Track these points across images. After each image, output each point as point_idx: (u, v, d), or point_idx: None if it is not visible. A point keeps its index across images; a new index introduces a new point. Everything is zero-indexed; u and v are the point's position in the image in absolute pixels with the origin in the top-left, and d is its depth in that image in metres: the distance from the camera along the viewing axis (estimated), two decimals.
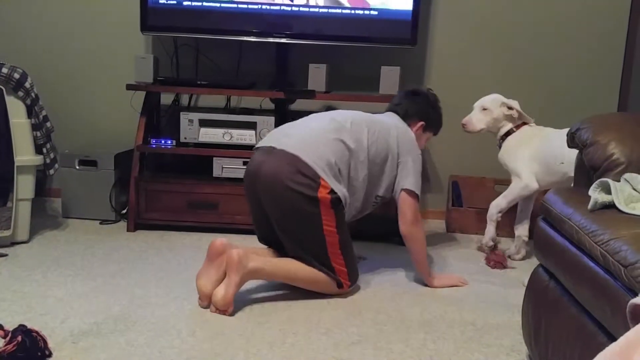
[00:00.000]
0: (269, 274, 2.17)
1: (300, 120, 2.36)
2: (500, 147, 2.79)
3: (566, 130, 2.49)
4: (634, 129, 1.85)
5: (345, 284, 2.23)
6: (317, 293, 2.22)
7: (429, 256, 2.69)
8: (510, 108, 2.72)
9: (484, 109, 2.75)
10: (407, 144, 2.37)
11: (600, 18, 3.28)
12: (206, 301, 2.09)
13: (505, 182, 3.31)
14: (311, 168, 2.10)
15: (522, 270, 2.58)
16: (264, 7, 3.06)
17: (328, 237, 2.15)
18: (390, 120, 2.45)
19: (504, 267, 2.66)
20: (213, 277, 2.10)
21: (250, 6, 3.06)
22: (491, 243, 2.73)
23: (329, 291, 2.22)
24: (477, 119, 2.76)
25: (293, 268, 2.17)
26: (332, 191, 2.12)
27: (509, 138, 2.75)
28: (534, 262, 1.89)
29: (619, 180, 1.62)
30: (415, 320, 2.08)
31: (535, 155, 2.66)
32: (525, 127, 2.74)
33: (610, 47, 3.30)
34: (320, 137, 2.20)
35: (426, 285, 2.40)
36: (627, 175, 1.64)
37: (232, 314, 2.04)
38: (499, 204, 2.73)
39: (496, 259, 2.69)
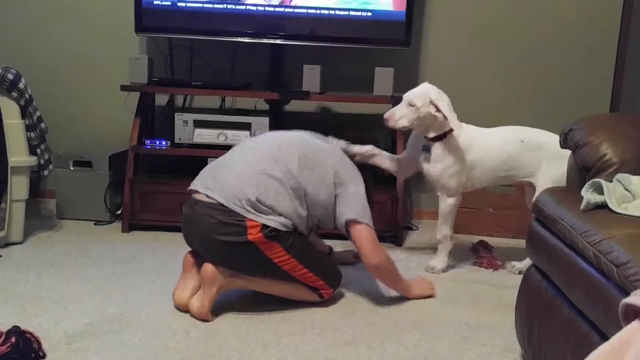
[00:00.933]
0: (247, 284, 2.13)
1: (229, 153, 2.22)
2: (426, 151, 2.49)
3: (500, 128, 2.57)
4: (626, 129, 1.87)
5: (325, 294, 2.17)
6: None
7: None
8: (438, 110, 2.38)
9: (410, 105, 2.39)
10: (345, 173, 2.17)
11: (592, 20, 3.30)
12: (185, 309, 2.08)
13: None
14: (233, 212, 1.99)
15: (515, 271, 2.59)
16: (258, 8, 3.06)
17: (285, 266, 2.05)
18: (329, 147, 2.26)
19: (497, 267, 2.67)
20: (188, 287, 2.09)
21: (244, 7, 3.06)
22: (440, 271, 2.57)
23: (312, 300, 2.17)
24: (400, 114, 2.39)
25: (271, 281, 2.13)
26: (263, 226, 1.98)
27: (437, 144, 2.46)
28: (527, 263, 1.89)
29: (611, 181, 1.64)
30: (409, 320, 2.09)
31: (476, 161, 2.50)
32: (454, 134, 2.44)
33: (602, 48, 3.32)
34: (242, 175, 2.05)
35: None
36: (620, 175, 1.65)
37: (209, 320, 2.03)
38: (442, 230, 2.57)
39: (489, 260, 2.70)
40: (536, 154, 2.50)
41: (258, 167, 2.07)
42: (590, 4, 3.29)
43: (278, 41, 3.09)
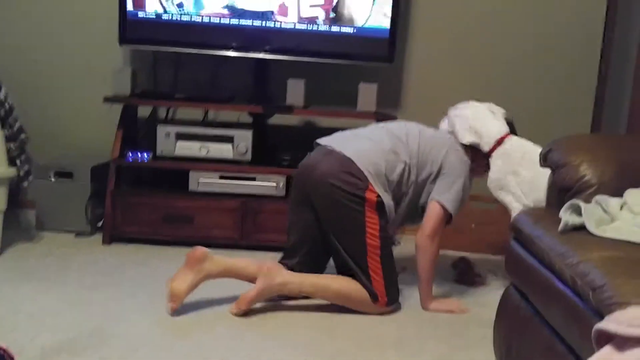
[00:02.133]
0: (298, 286, 2.20)
1: (361, 129, 2.48)
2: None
3: None
4: (605, 150, 1.89)
5: (381, 299, 2.21)
6: (294, 309, 2.21)
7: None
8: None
9: None
10: (455, 163, 2.38)
11: (574, 40, 3.34)
12: (175, 303, 2.10)
13: (482, 199, 3.35)
14: (362, 172, 2.21)
15: (495, 289, 2.60)
16: (243, 22, 3.07)
17: (369, 240, 2.20)
18: (447, 139, 2.47)
19: (477, 284, 2.68)
20: (187, 281, 2.12)
21: (229, 21, 3.06)
22: None
23: (364, 306, 2.21)
24: None
25: (324, 280, 2.24)
26: (378, 196, 2.21)
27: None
28: (507, 280, 1.91)
29: (590, 202, 1.66)
30: (391, 337, 2.09)
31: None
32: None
33: (584, 68, 3.37)
34: (376, 147, 2.29)
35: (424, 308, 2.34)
36: (598, 197, 1.67)
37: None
38: None
39: (470, 276, 2.72)
40: None
41: (390, 146, 2.30)
42: (572, 23, 3.34)
43: (262, 55, 3.10)
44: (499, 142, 2.48)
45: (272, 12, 3.05)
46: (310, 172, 2.27)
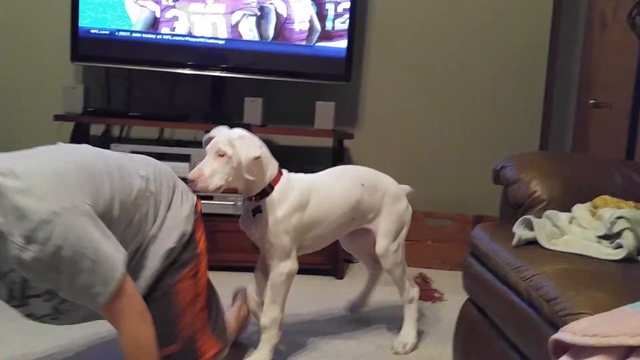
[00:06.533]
0: None
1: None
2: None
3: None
4: (554, 167, 1.96)
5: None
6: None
7: None
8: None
9: (220, 155, 1.82)
10: None
11: (521, 62, 3.46)
12: None
13: (437, 215, 3.40)
14: None
15: (455, 304, 2.63)
16: (199, 40, 3.05)
17: None
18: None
19: (435, 300, 2.71)
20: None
21: (185, 39, 3.05)
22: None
23: None
24: (211, 170, 1.81)
25: None
26: None
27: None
28: (464, 295, 1.93)
29: (541, 217, 1.71)
30: (350, 354, 2.09)
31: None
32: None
33: (531, 88, 3.48)
34: None
35: None
36: (549, 212, 1.72)
37: None
38: (274, 317, 1.93)
39: (427, 292, 2.74)
40: (376, 198, 2.12)
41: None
42: (518, 46, 3.45)
43: (219, 73, 3.09)
44: None
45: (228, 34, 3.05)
46: None
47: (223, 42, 3.06)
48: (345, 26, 3.09)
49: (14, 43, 3.28)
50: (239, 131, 1.90)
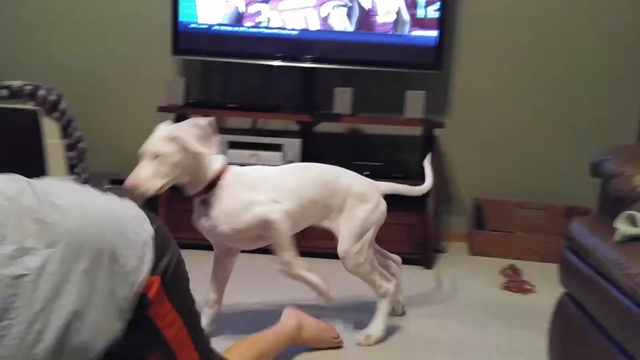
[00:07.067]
0: None
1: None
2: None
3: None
4: None
5: None
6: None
7: None
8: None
9: (155, 157, 1.86)
10: None
11: (621, 48, 3.31)
12: None
13: (529, 206, 3.35)
14: None
15: (546, 296, 2.59)
16: (291, 31, 3.13)
17: None
18: None
19: (525, 291, 2.68)
20: None
21: (277, 31, 3.13)
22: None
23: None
24: (147, 173, 1.85)
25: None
26: None
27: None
28: (557, 288, 1.91)
29: None
30: (444, 344, 2.11)
31: None
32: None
33: (629, 78, 3.33)
34: None
35: None
36: None
37: None
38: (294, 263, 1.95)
39: (518, 283, 2.72)
40: (337, 198, 2.03)
41: None
42: (617, 29, 3.30)
43: (310, 64, 3.16)
44: None
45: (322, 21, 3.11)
46: None
47: (314, 33, 3.13)
48: (437, 14, 3.08)
49: (120, 40, 3.49)
50: (167, 128, 1.92)
